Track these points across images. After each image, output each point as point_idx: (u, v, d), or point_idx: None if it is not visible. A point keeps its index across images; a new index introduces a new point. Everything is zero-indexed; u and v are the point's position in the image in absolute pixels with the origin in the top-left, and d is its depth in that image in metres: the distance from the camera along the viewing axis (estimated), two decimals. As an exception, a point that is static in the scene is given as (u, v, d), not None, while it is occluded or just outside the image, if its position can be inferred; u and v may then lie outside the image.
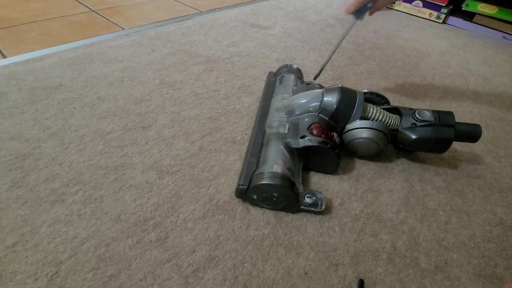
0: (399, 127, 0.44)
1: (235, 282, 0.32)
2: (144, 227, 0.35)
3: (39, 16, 0.83)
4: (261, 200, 0.38)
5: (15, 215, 0.35)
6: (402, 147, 0.47)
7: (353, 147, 0.45)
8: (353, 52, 0.79)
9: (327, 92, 0.43)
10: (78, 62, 0.63)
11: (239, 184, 0.38)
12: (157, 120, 0.51)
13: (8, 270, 0.31)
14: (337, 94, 0.42)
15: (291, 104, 0.46)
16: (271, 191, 0.36)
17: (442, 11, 1.05)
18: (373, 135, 0.42)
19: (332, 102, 0.42)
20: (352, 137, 0.44)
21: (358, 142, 0.43)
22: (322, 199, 0.38)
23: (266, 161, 0.39)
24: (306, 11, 1.03)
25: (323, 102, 0.43)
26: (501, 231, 0.40)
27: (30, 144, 0.44)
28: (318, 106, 0.43)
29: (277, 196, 0.36)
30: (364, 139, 0.43)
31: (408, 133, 0.43)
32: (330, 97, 0.42)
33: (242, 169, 0.40)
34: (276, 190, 0.36)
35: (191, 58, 0.68)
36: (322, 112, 0.43)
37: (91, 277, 0.31)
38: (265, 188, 0.36)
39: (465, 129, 0.43)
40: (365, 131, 0.42)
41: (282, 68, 0.58)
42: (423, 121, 0.43)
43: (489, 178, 0.47)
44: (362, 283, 0.32)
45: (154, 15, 0.90)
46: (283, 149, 0.40)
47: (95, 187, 0.39)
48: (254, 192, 0.37)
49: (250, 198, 0.38)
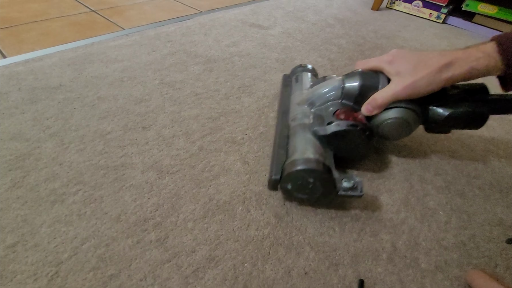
0: (430, 104, 0.41)
1: (235, 282, 0.32)
2: (144, 227, 0.35)
3: (39, 16, 0.83)
4: (296, 189, 0.36)
5: (15, 215, 0.35)
6: (435, 127, 0.43)
7: (383, 130, 0.42)
8: (353, 52, 0.79)
9: (347, 78, 0.42)
10: (78, 62, 0.63)
11: (271, 176, 0.36)
12: (157, 120, 0.51)
13: (8, 270, 0.30)
14: (358, 78, 0.41)
15: (312, 95, 0.45)
16: (307, 177, 0.34)
17: (442, 11, 1.05)
18: (403, 114, 0.39)
19: (354, 86, 0.41)
20: (381, 120, 0.41)
21: (388, 123, 0.40)
22: (360, 182, 0.36)
23: (296, 150, 0.38)
24: (306, 11, 1.03)
25: (345, 88, 0.41)
26: (501, 231, 0.40)
27: (30, 144, 0.44)
28: (340, 93, 0.42)
29: (313, 182, 0.35)
30: (394, 119, 0.40)
31: (440, 109, 0.40)
32: (352, 82, 0.41)
33: (272, 161, 0.39)
34: (311, 175, 0.34)
35: (191, 58, 0.68)
36: (345, 98, 0.42)
37: (91, 277, 0.31)
38: (300, 175, 0.34)
39: (500, 102, 0.40)
40: (394, 110, 0.40)
41: (296, 68, 0.57)
42: (454, 95, 0.40)
43: (489, 178, 0.47)
44: (362, 283, 0.32)
45: (154, 15, 0.90)
46: (312, 137, 0.39)
47: (95, 187, 0.39)
48: (288, 181, 0.35)
49: (285, 189, 0.37)
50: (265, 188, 0.41)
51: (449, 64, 0.36)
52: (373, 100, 0.40)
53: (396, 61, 0.39)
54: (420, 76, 0.37)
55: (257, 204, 0.39)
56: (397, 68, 0.39)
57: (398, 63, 0.39)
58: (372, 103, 0.40)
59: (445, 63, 0.36)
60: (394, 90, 0.38)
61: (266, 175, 0.43)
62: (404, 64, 0.38)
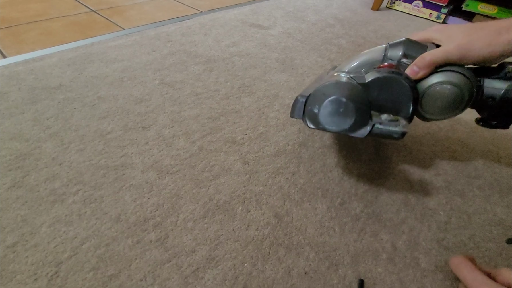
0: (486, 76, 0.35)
1: (235, 282, 0.32)
2: (144, 227, 0.35)
3: (39, 16, 0.83)
4: (324, 114, 0.31)
5: (15, 215, 0.35)
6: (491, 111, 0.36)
7: (429, 99, 0.35)
8: (353, 52, 0.79)
9: (391, 46, 0.38)
10: (78, 62, 0.63)
11: (297, 97, 0.32)
12: (157, 120, 0.51)
13: (8, 270, 0.30)
14: (402, 45, 0.37)
15: (350, 63, 0.40)
16: (338, 96, 0.30)
17: (442, 11, 1.05)
18: (453, 78, 0.34)
19: (398, 52, 0.36)
20: (426, 84, 0.35)
21: (436, 90, 0.34)
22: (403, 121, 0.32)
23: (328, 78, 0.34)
24: (306, 11, 1.03)
25: (388, 55, 0.37)
26: (501, 231, 0.40)
27: (30, 144, 0.44)
28: (382, 59, 0.37)
29: (345, 103, 0.30)
30: (444, 84, 0.34)
31: (499, 82, 0.35)
32: (395, 49, 0.37)
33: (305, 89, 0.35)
34: (342, 93, 0.30)
35: (191, 58, 0.68)
36: None
37: (91, 277, 0.31)
38: (330, 91, 0.30)
39: None
40: (444, 73, 0.34)
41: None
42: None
43: (489, 178, 0.47)
44: (362, 283, 0.32)
45: (154, 15, 0.90)
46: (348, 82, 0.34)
47: (95, 187, 0.39)
48: (315, 101, 0.31)
49: (311, 113, 0.32)
50: (265, 188, 0.41)
51: (509, 26, 0.32)
52: (421, 58, 0.35)
53: (447, 28, 0.36)
54: (476, 36, 0.33)
55: (257, 204, 0.39)
56: (449, 33, 0.35)
57: (450, 29, 0.35)
58: (419, 62, 0.35)
59: (505, 25, 0.32)
60: (446, 49, 0.34)
61: (266, 175, 0.43)
62: (457, 28, 0.35)
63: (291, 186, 0.42)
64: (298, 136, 0.51)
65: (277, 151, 0.47)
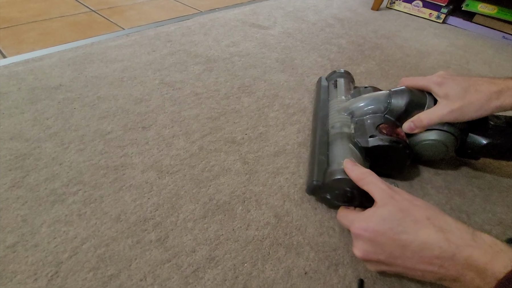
0: (469, 130, 0.41)
1: (235, 282, 0.32)
2: (144, 227, 0.35)
3: (39, 16, 0.83)
4: (335, 198, 0.37)
5: (15, 215, 0.35)
6: (470, 153, 0.43)
7: (419, 150, 0.42)
8: (353, 52, 0.79)
9: (395, 94, 0.42)
10: (78, 62, 0.63)
11: (313, 180, 0.37)
12: (157, 120, 0.51)
13: (8, 270, 0.31)
14: (406, 95, 0.41)
15: (354, 105, 0.44)
16: (345, 187, 0.35)
17: (442, 11, 1.05)
18: (442, 137, 0.40)
19: (400, 103, 0.41)
20: (419, 139, 0.41)
21: (426, 144, 0.41)
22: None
23: (337, 158, 0.38)
24: (306, 11, 1.03)
25: (391, 104, 0.41)
26: (501, 231, 0.40)
27: (30, 144, 0.44)
28: (384, 108, 0.42)
29: (351, 191, 0.35)
30: (432, 141, 0.40)
31: (479, 138, 0.40)
32: (399, 98, 0.41)
33: (313, 166, 0.39)
34: (351, 185, 0.34)
35: (191, 58, 0.68)
36: (388, 113, 0.42)
37: (91, 277, 0.31)
38: (338, 185, 0.35)
39: None
40: (435, 132, 0.40)
41: (333, 74, 0.57)
42: (495, 126, 0.40)
43: (489, 178, 0.47)
44: (362, 283, 0.32)
45: (154, 15, 0.90)
46: (352, 147, 0.39)
47: (95, 187, 0.39)
48: (327, 190, 0.36)
49: (324, 199, 0.38)
50: (265, 188, 0.41)
51: (499, 92, 0.35)
52: (418, 119, 0.40)
53: (445, 83, 0.38)
54: (468, 101, 0.36)
55: (257, 204, 0.39)
56: (446, 91, 0.38)
57: (447, 86, 0.38)
58: (417, 122, 0.40)
59: (496, 90, 0.35)
60: (441, 112, 0.38)
61: (266, 175, 0.43)
62: (453, 87, 0.38)
63: (291, 186, 0.42)
64: (298, 136, 0.51)
65: (277, 151, 0.47)
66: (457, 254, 0.25)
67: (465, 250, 0.24)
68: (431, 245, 0.25)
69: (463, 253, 0.24)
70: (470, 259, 0.24)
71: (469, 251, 0.24)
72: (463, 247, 0.25)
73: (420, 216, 0.27)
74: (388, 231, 0.27)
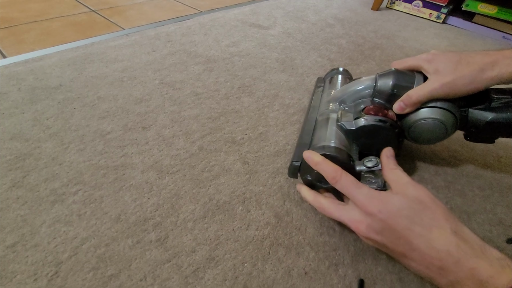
0: (470, 107, 0.38)
1: (235, 282, 0.32)
2: (144, 227, 0.35)
3: (39, 16, 0.83)
4: (317, 180, 0.35)
5: (15, 215, 0.35)
6: (475, 134, 0.39)
7: (414, 132, 0.39)
8: (353, 52, 0.79)
9: (381, 76, 0.40)
10: (78, 62, 0.63)
11: (292, 161, 0.36)
12: (157, 120, 0.51)
13: (8, 270, 0.31)
14: (392, 76, 0.39)
15: (343, 93, 0.43)
16: None
17: (442, 11, 1.05)
18: (439, 115, 0.36)
19: (387, 84, 0.38)
20: (413, 120, 0.38)
21: (421, 124, 0.38)
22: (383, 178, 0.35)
23: (320, 140, 0.37)
24: (306, 11, 1.03)
25: (377, 86, 0.39)
26: (501, 231, 0.40)
27: (30, 144, 0.44)
28: (372, 91, 0.40)
29: None
30: (428, 120, 0.37)
31: (482, 113, 0.37)
32: (385, 80, 0.39)
33: (296, 149, 0.39)
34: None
35: (191, 58, 0.68)
36: (376, 96, 0.40)
37: (91, 277, 0.31)
38: None
39: None
40: (429, 110, 0.37)
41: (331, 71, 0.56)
42: (498, 99, 0.36)
43: (489, 178, 0.47)
44: (362, 283, 0.32)
45: (154, 15, 0.90)
46: (337, 130, 0.38)
47: (95, 187, 0.39)
48: (307, 172, 0.35)
49: (305, 180, 0.36)
50: (265, 188, 0.41)
51: (494, 62, 0.33)
52: (407, 96, 0.37)
53: (436, 59, 0.36)
54: (460, 74, 0.34)
55: (257, 204, 0.39)
56: (436, 66, 0.36)
57: (438, 61, 0.36)
58: (406, 100, 0.37)
59: (490, 61, 0.33)
60: (430, 87, 0.35)
61: (266, 175, 0.43)
62: (444, 62, 0.36)
63: (291, 186, 0.42)
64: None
65: (277, 151, 0.47)
66: (462, 261, 0.24)
67: (471, 260, 0.24)
68: (440, 245, 0.25)
69: (469, 262, 0.24)
70: (475, 270, 0.24)
71: (476, 262, 0.24)
72: (471, 257, 0.24)
73: (439, 214, 0.27)
74: (403, 218, 0.27)
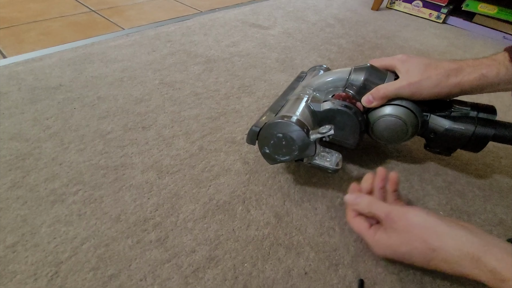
0: (432, 112, 0.40)
1: (235, 282, 0.32)
2: (144, 227, 0.35)
3: (39, 16, 0.83)
4: (274, 151, 0.37)
5: (15, 215, 0.35)
6: (433, 140, 0.41)
7: (377, 128, 0.41)
8: (353, 52, 0.79)
9: (355, 70, 0.42)
10: (78, 62, 0.63)
11: (252, 126, 0.37)
12: (157, 120, 0.51)
13: (8, 270, 0.31)
14: (365, 71, 0.40)
15: (317, 81, 0.44)
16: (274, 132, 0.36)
17: (442, 11, 1.05)
18: (401, 113, 0.38)
19: (359, 78, 0.40)
20: (377, 115, 0.40)
21: (384, 120, 0.40)
22: (338, 157, 0.37)
23: (286, 112, 0.38)
24: (306, 11, 1.03)
25: (350, 79, 0.41)
26: (501, 231, 0.40)
27: (30, 144, 0.44)
28: (345, 83, 0.41)
29: (282, 136, 0.35)
30: (391, 116, 0.39)
31: (442, 120, 0.39)
32: (358, 74, 0.41)
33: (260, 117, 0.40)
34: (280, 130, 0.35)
35: (191, 58, 0.68)
36: (348, 87, 0.41)
37: (91, 277, 0.31)
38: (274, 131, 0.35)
39: (505, 128, 0.39)
40: (393, 107, 0.39)
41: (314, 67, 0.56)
42: (459, 110, 0.39)
43: (489, 178, 0.47)
44: (362, 283, 0.32)
45: (154, 15, 0.90)
46: (305, 109, 0.39)
47: (95, 187, 0.39)
48: (265, 143, 0.37)
49: (268, 156, 0.38)
50: (265, 188, 0.41)
51: (458, 69, 0.36)
52: (376, 90, 0.39)
53: (409, 61, 0.39)
54: (427, 76, 0.36)
55: (257, 204, 0.39)
56: (408, 67, 0.38)
57: (410, 62, 0.39)
58: (374, 93, 0.39)
59: (455, 67, 0.36)
60: (399, 85, 0.38)
61: (266, 175, 0.43)
62: (415, 64, 0.38)
63: (291, 186, 0.42)
64: (298, 136, 0.51)
65: (277, 151, 0.47)
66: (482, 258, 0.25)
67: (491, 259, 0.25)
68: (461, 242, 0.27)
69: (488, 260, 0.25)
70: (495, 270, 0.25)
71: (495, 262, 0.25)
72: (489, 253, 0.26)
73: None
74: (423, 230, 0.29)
